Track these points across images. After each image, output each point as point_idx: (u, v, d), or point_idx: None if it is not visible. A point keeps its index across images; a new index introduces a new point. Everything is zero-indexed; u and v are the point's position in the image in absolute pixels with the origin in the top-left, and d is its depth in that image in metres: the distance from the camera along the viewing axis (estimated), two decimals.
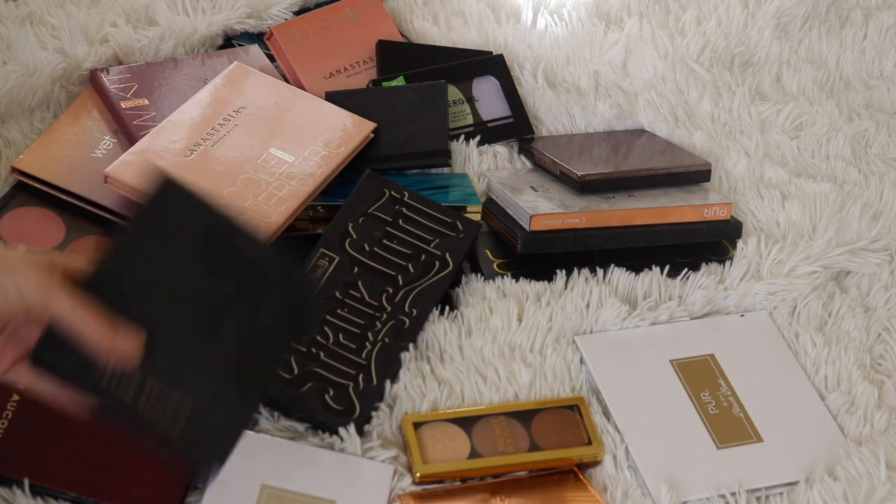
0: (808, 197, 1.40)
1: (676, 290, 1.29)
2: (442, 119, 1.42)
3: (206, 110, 1.34)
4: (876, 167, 1.49)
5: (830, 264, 1.33)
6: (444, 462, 1.09)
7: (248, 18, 1.53)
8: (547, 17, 1.61)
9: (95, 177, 1.27)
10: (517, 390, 1.17)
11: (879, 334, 1.28)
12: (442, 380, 1.17)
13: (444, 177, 1.41)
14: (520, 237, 1.29)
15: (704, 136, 1.49)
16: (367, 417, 1.12)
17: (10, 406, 1.05)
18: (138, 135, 1.32)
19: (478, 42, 1.58)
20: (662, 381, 1.20)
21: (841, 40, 1.66)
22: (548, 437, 1.13)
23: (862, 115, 1.57)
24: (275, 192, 1.27)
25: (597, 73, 1.55)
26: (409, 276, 1.22)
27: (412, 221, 1.27)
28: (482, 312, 1.24)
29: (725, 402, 1.19)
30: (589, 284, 1.28)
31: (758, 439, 1.16)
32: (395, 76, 1.48)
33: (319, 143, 1.34)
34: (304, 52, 1.49)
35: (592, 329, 1.25)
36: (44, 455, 1.02)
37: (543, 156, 1.42)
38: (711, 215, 1.35)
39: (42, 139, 1.32)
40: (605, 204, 1.33)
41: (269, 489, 1.04)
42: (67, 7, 1.47)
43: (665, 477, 1.11)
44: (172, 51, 1.47)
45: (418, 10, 1.61)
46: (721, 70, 1.59)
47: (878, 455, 1.12)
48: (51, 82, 1.39)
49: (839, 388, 1.21)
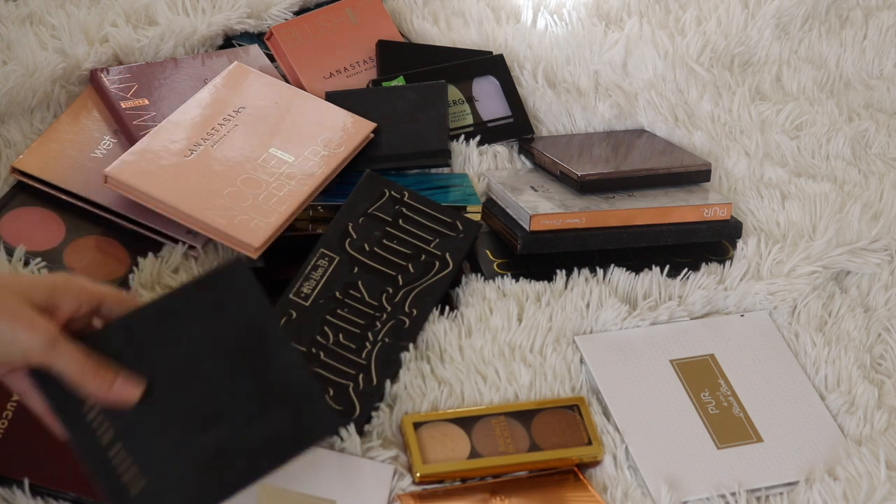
0: (808, 197, 1.40)
1: (676, 290, 1.29)
2: (442, 119, 1.42)
3: (206, 110, 1.34)
4: (876, 167, 1.49)
5: (830, 264, 1.33)
6: (444, 462, 1.09)
7: (248, 18, 1.52)
8: (547, 17, 1.60)
9: (95, 177, 1.27)
10: (517, 390, 1.17)
11: (879, 334, 1.28)
12: (442, 380, 1.17)
13: (444, 177, 1.41)
14: (520, 237, 1.29)
15: (704, 136, 1.49)
16: (367, 417, 1.12)
17: (10, 406, 1.05)
18: (138, 135, 1.32)
19: (478, 42, 1.58)
20: (662, 381, 1.20)
21: (841, 40, 1.66)
22: (548, 437, 1.13)
23: (862, 115, 1.57)
24: (275, 192, 1.27)
25: (597, 73, 1.55)
26: (409, 276, 1.22)
27: (412, 221, 1.27)
28: (482, 312, 1.24)
29: (725, 402, 1.19)
30: (589, 284, 1.28)
31: (758, 439, 1.16)
32: (395, 76, 1.48)
33: (319, 143, 1.34)
34: (304, 52, 1.49)
35: (592, 329, 1.25)
36: (44, 455, 1.02)
37: (543, 156, 1.42)
38: (711, 215, 1.35)
39: (42, 139, 1.32)
40: (605, 204, 1.33)
41: (269, 489, 1.04)
42: (67, 7, 1.47)
43: (665, 477, 1.11)
44: (172, 51, 1.46)
45: (418, 10, 1.61)
46: (721, 70, 1.59)
47: (878, 455, 1.12)
48: (51, 82, 1.38)
49: (839, 388, 1.21)
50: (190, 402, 0.91)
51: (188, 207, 1.23)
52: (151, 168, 1.26)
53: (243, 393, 0.93)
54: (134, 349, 0.91)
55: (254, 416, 0.93)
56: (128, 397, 0.90)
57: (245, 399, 0.93)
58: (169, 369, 0.91)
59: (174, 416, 0.91)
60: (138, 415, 0.90)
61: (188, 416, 0.91)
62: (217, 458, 0.91)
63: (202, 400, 0.92)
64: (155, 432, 0.90)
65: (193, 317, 0.93)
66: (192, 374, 0.92)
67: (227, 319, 0.93)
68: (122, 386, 0.89)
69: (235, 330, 0.93)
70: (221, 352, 0.93)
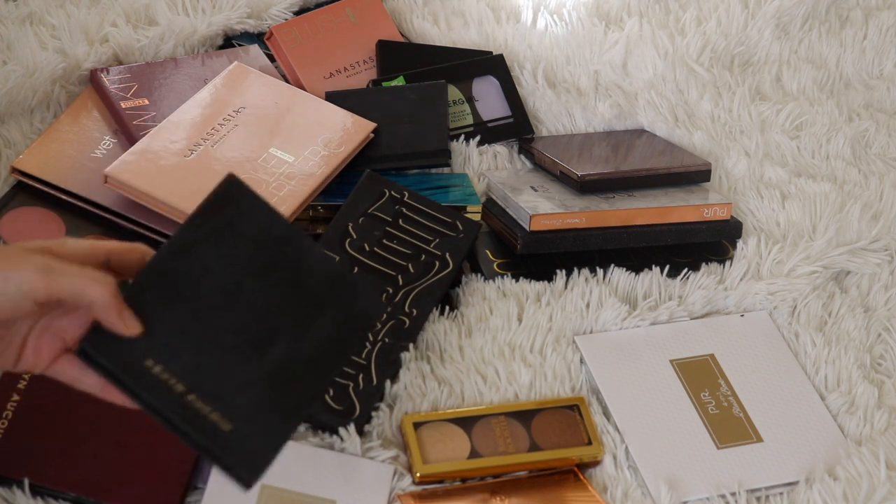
0: (808, 197, 1.40)
1: (676, 290, 1.29)
2: (442, 119, 1.42)
3: (206, 110, 1.34)
4: (876, 167, 1.49)
5: (830, 264, 1.33)
6: (444, 462, 1.09)
7: (248, 18, 1.52)
8: (547, 17, 1.60)
9: (95, 177, 1.27)
10: (517, 390, 1.17)
11: (879, 334, 1.28)
12: (442, 380, 1.17)
13: (444, 177, 1.41)
14: (520, 237, 1.29)
15: (704, 136, 1.49)
16: (367, 417, 1.12)
17: (10, 406, 1.05)
18: (138, 135, 1.32)
19: (478, 42, 1.58)
20: (662, 381, 1.20)
21: (841, 40, 1.66)
22: (548, 437, 1.13)
23: (862, 115, 1.57)
24: (275, 192, 1.27)
25: (597, 73, 1.55)
26: (409, 276, 1.22)
27: (412, 221, 1.27)
28: (482, 312, 1.24)
29: (725, 402, 1.19)
30: (589, 284, 1.28)
31: (758, 439, 1.16)
32: (395, 76, 1.48)
33: (319, 143, 1.34)
34: (304, 52, 1.49)
35: (592, 329, 1.25)
36: (44, 455, 1.02)
37: (543, 156, 1.42)
38: (711, 215, 1.35)
39: (42, 139, 1.32)
40: (605, 204, 1.33)
41: (269, 489, 1.04)
42: (67, 7, 1.47)
43: (665, 477, 1.11)
44: (172, 51, 1.47)
45: (418, 10, 1.61)
46: (721, 70, 1.59)
47: (878, 455, 1.12)
48: (51, 82, 1.38)
49: (839, 388, 1.21)
50: (241, 330, 0.89)
51: (188, 207, 1.22)
52: (151, 168, 1.26)
53: (288, 304, 0.91)
54: (168, 295, 0.88)
55: (305, 323, 0.91)
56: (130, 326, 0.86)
57: (291, 309, 0.91)
58: (210, 304, 0.89)
59: (232, 349, 0.89)
60: (199, 357, 0.88)
61: (244, 344, 0.89)
62: (285, 375, 0.89)
63: (252, 324, 0.89)
64: (220, 371, 0.88)
65: (212, 244, 0.90)
66: (232, 301, 0.89)
67: (244, 237, 0.91)
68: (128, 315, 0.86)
69: (255, 245, 0.91)
70: (252, 270, 0.91)
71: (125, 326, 0.86)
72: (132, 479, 1.03)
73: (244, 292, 0.90)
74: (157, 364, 0.87)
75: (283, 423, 0.89)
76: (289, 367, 0.90)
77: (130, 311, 0.86)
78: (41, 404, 1.06)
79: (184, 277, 0.89)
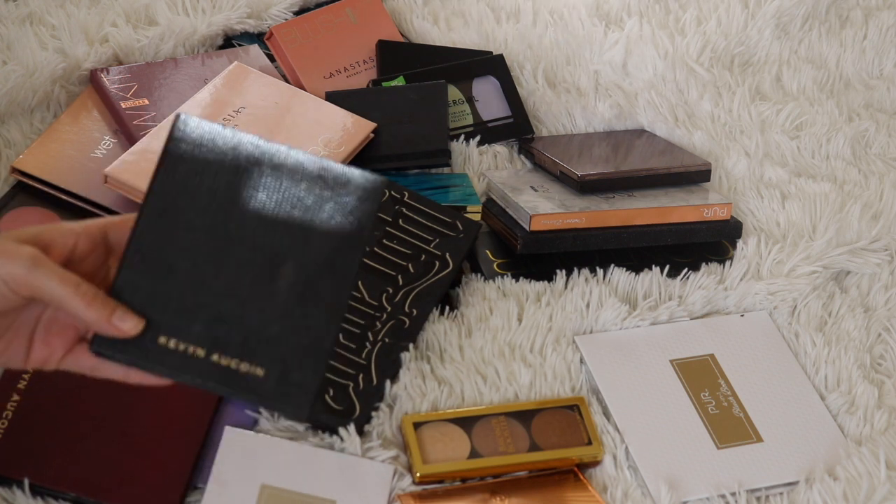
0: (808, 197, 1.40)
1: (676, 290, 1.29)
2: (442, 119, 1.42)
3: (206, 110, 1.34)
4: (876, 167, 1.49)
5: (830, 264, 1.33)
6: (444, 462, 1.09)
7: (248, 18, 1.53)
8: (547, 17, 1.60)
9: (95, 177, 1.27)
10: (517, 390, 1.17)
11: (879, 334, 1.28)
12: (442, 380, 1.17)
13: (444, 177, 1.41)
14: (520, 237, 1.29)
15: (704, 136, 1.49)
16: (367, 417, 1.12)
17: (10, 406, 1.05)
18: (138, 135, 1.32)
19: (478, 42, 1.58)
20: (662, 381, 1.20)
21: (841, 40, 1.66)
22: (548, 437, 1.13)
23: (862, 115, 1.57)
24: None
25: (597, 73, 1.55)
26: (410, 276, 1.22)
27: (412, 221, 1.27)
28: (482, 312, 1.24)
29: (725, 402, 1.19)
30: (589, 284, 1.28)
31: (758, 439, 1.16)
32: (395, 76, 1.48)
33: (319, 143, 1.34)
34: (304, 52, 1.49)
35: (592, 329, 1.25)
36: (44, 455, 1.02)
37: (543, 156, 1.42)
38: (711, 215, 1.35)
39: (42, 139, 1.32)
40: (605, 204, 1.33)
41: (269, 489, 1.04)
42: (67, 7, 1.47)
43: (665, 477, 1.11)
44: (172, 51, 1.47)
45: (418, 10, 1.61)
46: (721, 70, 1.59)
47: (878, 455, 1.12)
48: (51, 82, 1.39)
49: (839, 388, 1.21)
50: (243, 265, 0.87)
51: None
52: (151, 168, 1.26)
53: (279, 220, 0.88)
54: (160, 267, 0.86)
55: (305, 234, 0.88)
56: (128, 329, 0.85)
57: (284, 224, 0.88)
58: (204, 258, 0.87)
59: (240, 291, 0.87)
60: (209, 314, 0.86)
61: (251, 279, 0.87)
62: (304, 292, 0.87)
63: (252, 255, 0.87)
64: (234, 319, 0.86)
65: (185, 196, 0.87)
66: (223, 243, 0.87)
67: (212, 173, 0.88)
68: (122, 317, 0.84)
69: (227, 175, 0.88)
70: (233, 203, 0.87)
71: (119, 330, 0.85)
72: (132, 479, 1.03)
73: (232, 228, 0.87)
74: (171, 338, 0.86)
75: (315, 346, 0.87)
76: (305, 280, 0.87)
77: (124, 307, 0.85)
78: (41, 404, 1.06)
79: (169, 242, 0.87)
